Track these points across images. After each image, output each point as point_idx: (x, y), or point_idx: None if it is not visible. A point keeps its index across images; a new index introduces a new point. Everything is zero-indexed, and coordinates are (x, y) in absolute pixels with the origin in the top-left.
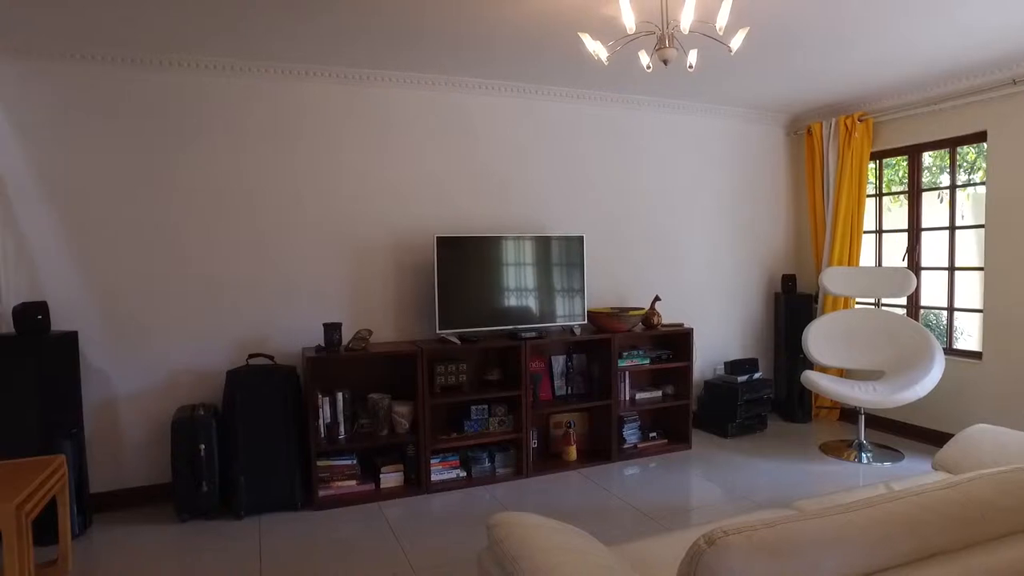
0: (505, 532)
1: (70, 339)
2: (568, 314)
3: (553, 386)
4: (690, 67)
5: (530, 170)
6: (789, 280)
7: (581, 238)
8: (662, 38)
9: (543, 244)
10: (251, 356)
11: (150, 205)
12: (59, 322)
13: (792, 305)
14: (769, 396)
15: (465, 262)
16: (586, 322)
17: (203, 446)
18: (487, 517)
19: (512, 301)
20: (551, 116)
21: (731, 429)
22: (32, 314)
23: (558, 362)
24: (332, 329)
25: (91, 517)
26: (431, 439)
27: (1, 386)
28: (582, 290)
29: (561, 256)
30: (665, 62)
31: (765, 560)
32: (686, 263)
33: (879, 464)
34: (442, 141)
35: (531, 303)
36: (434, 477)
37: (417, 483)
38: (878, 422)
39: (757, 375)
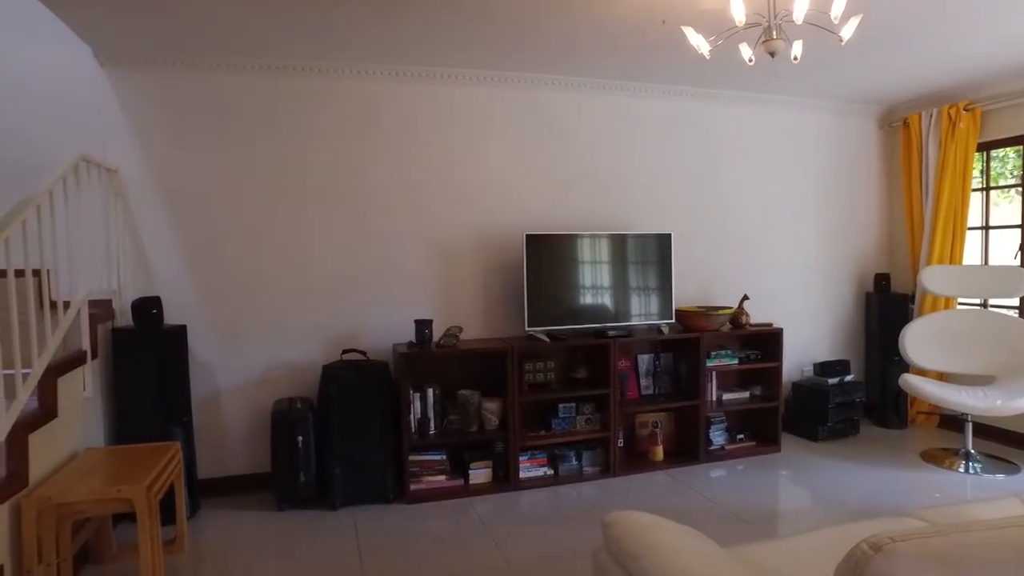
0: (623, 530)
1: (181, 332)
2: (655, 312)
3: (639, 385)
4: (795, 59)
5: (617, 167)
6: (882, 279)
7: (668, 235)
8: (768, 29)
9: (630, 241)
10: (345, 351)
11: (251, 205)
12: (170, 316)
13: (886, 305)
14: (861, 399)
15: (553, 259)
16: (673, 321)
17: (301, 438)
18: (577, 515)
19: (599, 299)
20: (638, 112)
21: (821, 432)
22: (148, 308)
23: (644, 361)
24: (423, 326)
25: (198, 501)
26: (520, 436)
27: (123, 375)
28: (669, 288)
29: (648, 253)
30: (772, 54)
31: (938, 571)
32: (774, 261)
33: (991, 476)
34: (531, 139)
35: (618, 301)
36: (522, 474)
37: (506, 480)
38: (984, 430)
39: (849, 377)
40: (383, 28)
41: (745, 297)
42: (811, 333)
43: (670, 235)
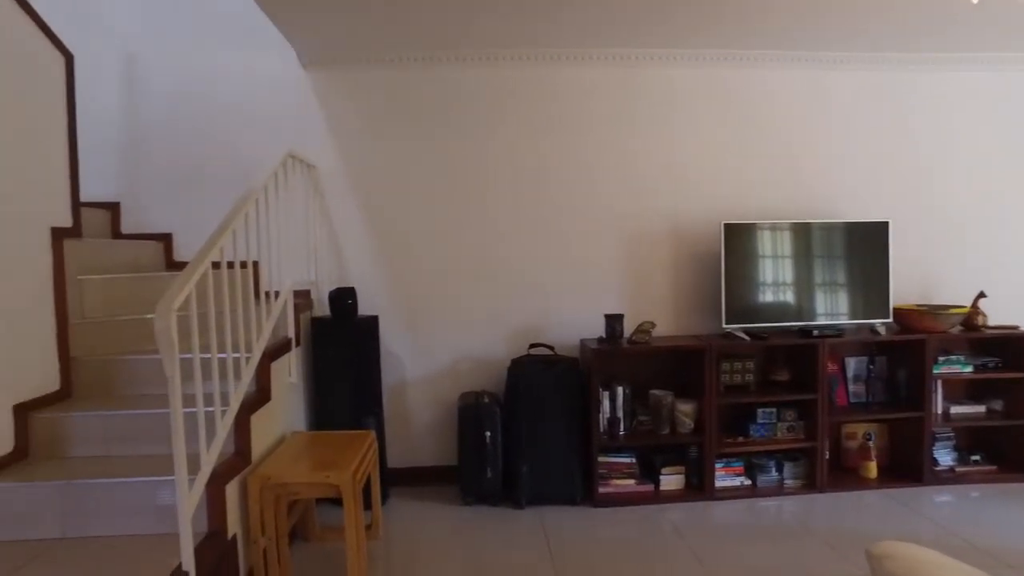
0: (901, 568)
1: (373, 323)
2: (868, 311)
3: (848, 391)
4: None
5: (821, 149)
6: None
7: (885, 224)
8: None
9: (840, 231)
10: (532, 346)
11: (438, 198)
12: (362, 307)
13: None
14: None
15: (754, 251)
16: (890, 320)
17: (488, 433)
18: (779, 532)
19: (804, 294)
20: (843, 87)
21: None
22: (344, 299)
23: (854, 364)
24: (614, 320)
25: (388, 490)
26: (716, 442)
27: (321, 364)
28: (886, 283)
29: (860, 244)
30: None
31: None
32: (1014, 253)
33: None
34: (725, 121)
35: (825, 297)
36: (717, 483)
37: (699, 488)
38: None
39: None
40: (571, 11)
41: (981, 294)
42: None
43: (887, 223)
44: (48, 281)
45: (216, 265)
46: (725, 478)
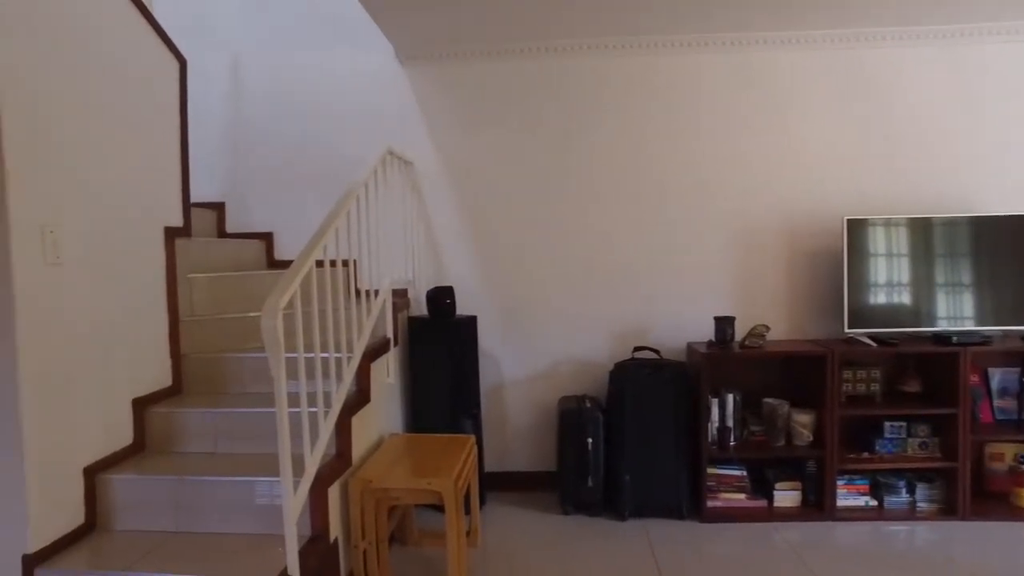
0: None
1: (471, 323)
2: (1020, 316)
3: (993, 407)
4: None
5: (955, 135)
6: None
7: None
8: None
9: (981, 226)
10: (636, 349)
11: (536, 196)
12: (459, 306)
13: None
14: None
15: (881, 248)
16: None
17: (590, 440)
18: (915, 563)
19: (940, 297)
20: (982, 63)
21: None
22: (442, 298)
23: (1000, 376)
24: (725, 323)
25: (484, 495)
26: (838, 457)
27: (418, 364)
28: None
29: (1008, 241)
30: None
31: None
32: None
33: None
34: (844, 108)
35: (965, 300)
36: (839, 502)
37: (818, 507)
38: None
39: None
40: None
41: None
42: None
43: None
44: (161, 280)
45: (319, 264)
46: (848, 497)
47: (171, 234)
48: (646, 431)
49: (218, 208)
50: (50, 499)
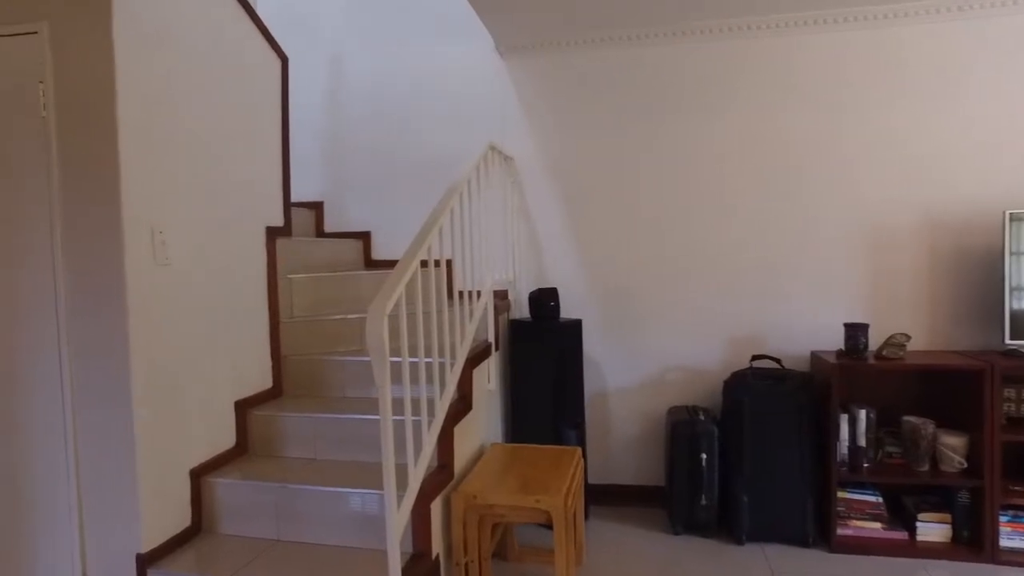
0: None
1: (576, 327)
2: None
3: None
4: None
5: None
6: None
7: None
8: None
9: None
10: (755, 357)
11: (645, 191)
12: (563, 309)
13: None
14: None
15: None
16: None
17: (704, 455)
18: None
19: None
20: None
21: None
22: (546, 300)
23: None
24: (858, 331)
25: (588, 509)
26: (1000, 488)
27: (520, 370)
28: None
29: None
30: None
31: None
32: None
33: None
34: (1001, 83)
35: None
36: (1002, 542)
37: (974, 545)
38: None
39: None
40: None
41: None
42: None
43: None
44: (263, 280)
45: (423, 264)
46: (1013, 536)
47: (272, 234)
48: (766, 447)
49: (316, 207)
50: (160, 500)
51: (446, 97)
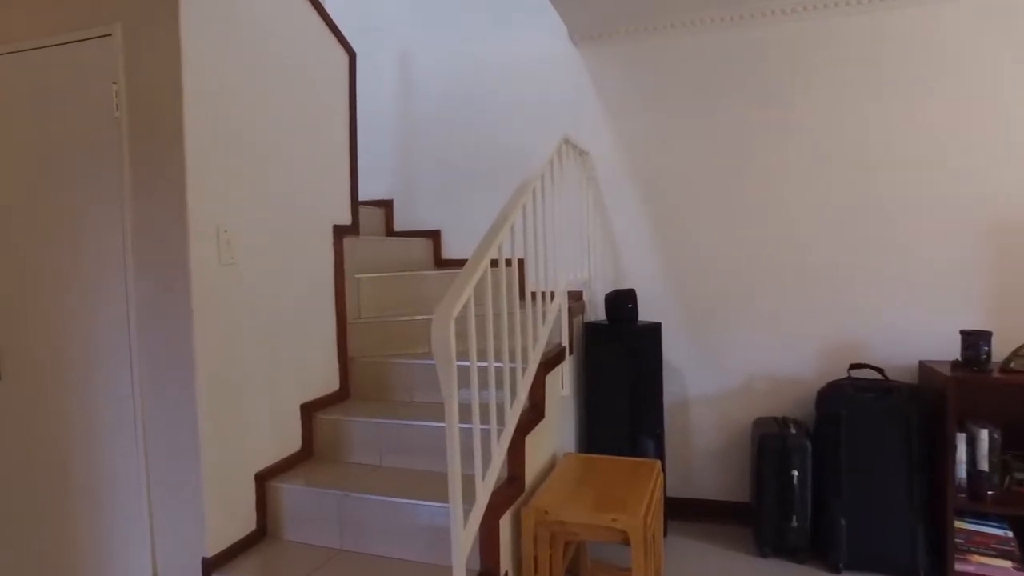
0: None
1: (655, 331)
2: None
3: None
4: None
5: None
6: None
7: None
8: None
9: None
10: (853, 366)
11: (730, 186)
12: (641, 311)
13: None
14: None
15: None
16: None
17: (796, 472)
18: None
19: None
20: None
21: None
22: (623, 302)
23: None
24: (978, 339)
25: (666, 525)
26: None
27: (594, 375)
28: None
29: None
30: None
31: None
32: None
33: None
34: None
35: None
36: None
37: None
38: None
39: None
40: None
41: None
42: None
43: None
44: (330, 280)
45: (493, 264)
46: None
47: (339, 232)
48: (868, 467)
49: (386, 206)
50: (225, 504)
51: (518, 89)
